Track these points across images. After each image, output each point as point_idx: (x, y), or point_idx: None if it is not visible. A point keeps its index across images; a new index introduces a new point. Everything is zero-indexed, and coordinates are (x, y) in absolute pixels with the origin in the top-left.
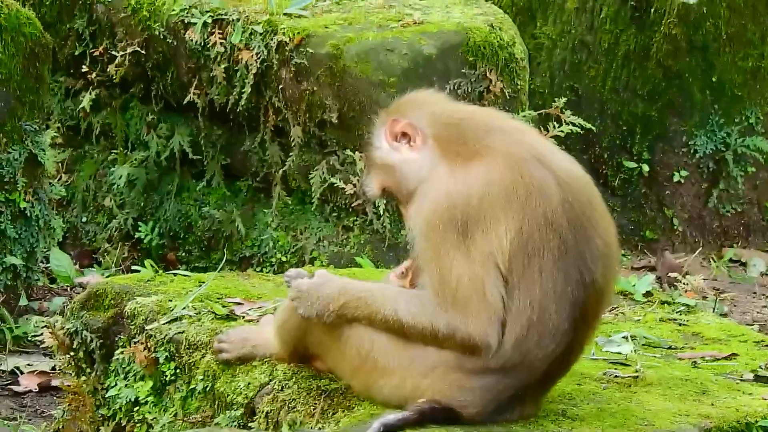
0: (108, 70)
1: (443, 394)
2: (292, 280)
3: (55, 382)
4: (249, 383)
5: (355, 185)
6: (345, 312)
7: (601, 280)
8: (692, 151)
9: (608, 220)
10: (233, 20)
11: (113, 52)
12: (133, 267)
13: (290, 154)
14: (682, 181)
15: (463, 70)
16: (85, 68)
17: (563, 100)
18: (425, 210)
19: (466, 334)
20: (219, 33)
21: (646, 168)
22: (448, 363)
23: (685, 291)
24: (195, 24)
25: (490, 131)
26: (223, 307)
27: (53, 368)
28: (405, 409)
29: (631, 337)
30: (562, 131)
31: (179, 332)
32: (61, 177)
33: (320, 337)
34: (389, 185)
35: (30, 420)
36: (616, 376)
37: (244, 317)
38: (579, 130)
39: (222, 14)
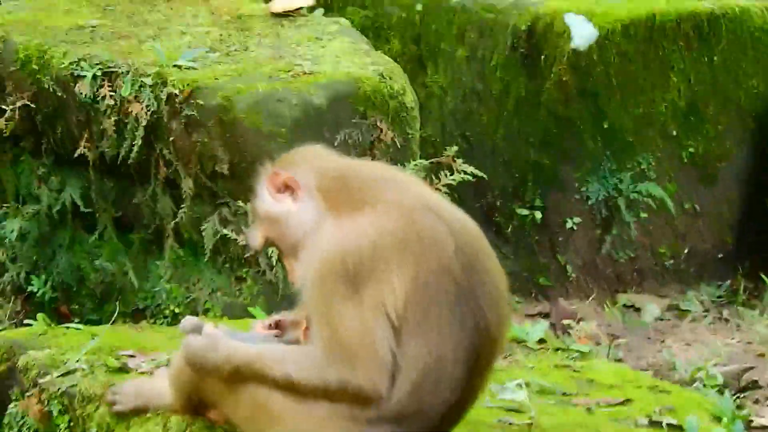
0: None
1: None
2: (186, 334)
3: None
4: None
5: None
6: (235, 379)
7: (494, 328)
8: (585, 197)
9: (498, 268)
10: (123, 72)
11: (2, 106)
12: (26, 321)
13: (182, 205)
14: (575, 227)
15: (353, 120)
16: None
17: (455, 148)
18: (314, 262)
19: (356, 386)
20: (109, 85)
21: (538, 215)
22: (342, 413)
23: (579, 337)
24: (85, 77)
25: (378, 181)
26: (116, 359)
27: None
28: None
29: (525, 383)
30: (454, 179)
31: (72, 385)
32: None
33: (214, 385)
34: (272, 236)
35: None
36: (510, 424)
37: (137, 369)
38: (471, 178)
39: (111, 67)
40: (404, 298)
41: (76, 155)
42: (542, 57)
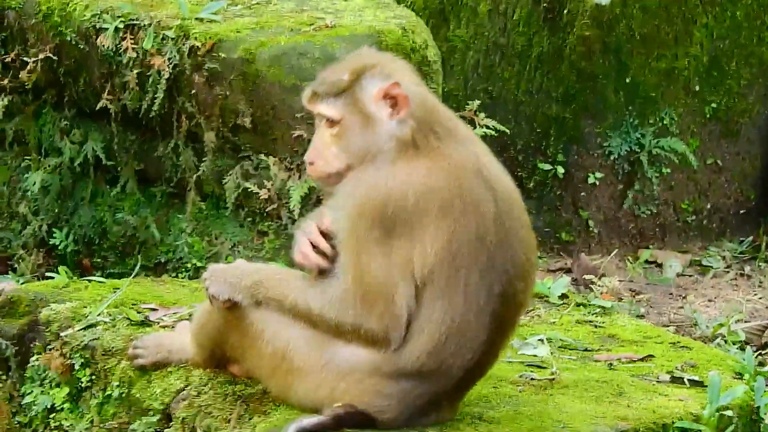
0: (20, 76)
1: (359, 398)
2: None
3: None
4: (165, 389)
5: (269, 190)
6: (256, 290)
7: (520, 295)
8: (607, 152)
9: (530, 233)
10: (145, 25)
11: (25, 59)
12: (48, 274)
13: (204, 159)
14: (597, 182)
15: None
16: None
17: (477, 102)
18: (358, 195)
19: (369, 330)
20: (131, 38)
21: (560, 170)
22: (363, 368)
23: (601, 293)
24: (107, 30)
25: (447, 134)
26: (138, 313)
27: None
28: (320, 413)
29: (547, 339)
30: (476, 134)
31: (94, 339)
32: None
33: (238, 338)
34: (347, 126)
35: None
36: (532, 379)
37: (159, 323)
38: (493, 132)
39: (134, 19)
40: (433, 261)
41: (98, 108)
42: (565, 11)
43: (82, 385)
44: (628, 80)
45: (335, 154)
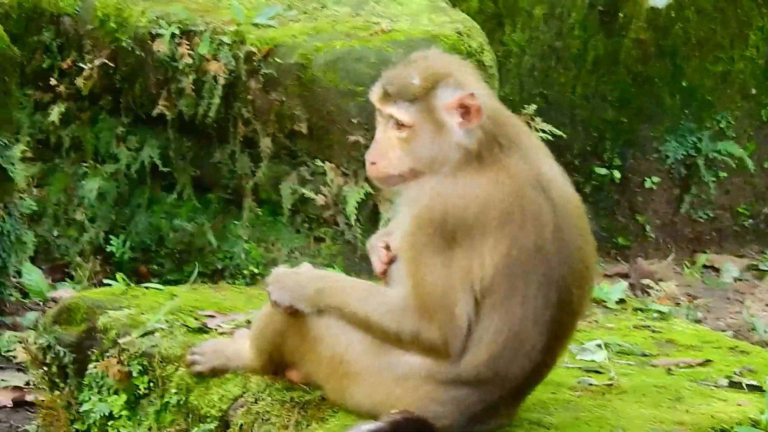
0: (76, 82)
1: (415, 404)
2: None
3: (29, 397)
4: (223, 396)
5: (325, 195)
6: (318, 298)
7: (578, 303)
8: (663, 156)
9: (589, 241)
10: (201, 31)
11: (81, 65)
12: (105, 281)
13: (260, 165)
14: (654, 187)
15: None
16: (53, 81)
17: (533, 106)
18: (419, 206)
19: (429, 340)
20: (187, 44)
21: (617, 174)
22: (420, 373)
23: (659, 298)
24: (163, 35)
25: (511, 145)
26: (196, 320)
27: (27, 383)
28: (378, 419)
29: (604, 344)
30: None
31: (152, 346)
32: (32, 191)
33: (297, 342)
34: (416, 131)
35: None
36: (590, 384)
37: (216, 330)
38: (549, 137)
39: (189, 25)
40: (492, 272)
41: (154, 114)
42: (620, 15)
43: (140, 392)
44: (684, 84)
45: (399, 157)
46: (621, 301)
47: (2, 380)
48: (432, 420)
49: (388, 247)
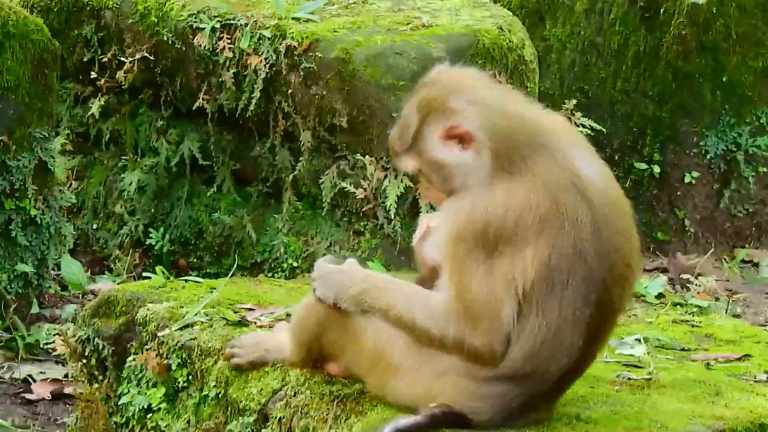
0: (117, 76)
1: (454, 399)
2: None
3: (67, 390)
4: (261, 389)
5: (365, 189)
6: (363, 299)
7: (618, 301)
8: (703, 151)
9: (631, 237)
10: (241, 25)
11: (122, 58)
12: (145, 274)
13: (300, 159)
14: (694, 182)
15: None
16: (93, 75)
17: (573, 101)
18: (459, 218)
19: (472, 346)
20: (227, 38)
21: (657, 169)
22: (459, 369)
23: (698, 292)
24: (203, 29)
25: (536, 149)
26: (235, 313)
27: (66, 376)
28: (416, 413)
29: (644, 339)
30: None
31: (191, 339)
32: (71, 184)
33: (339, 334)
34: (427, 174)
35: (43, 428)
36: (629, 379)
37: (255, 323)
38: (589, 131)
39: (230, 19)
40: (533, 277)
41: (194, 108)
42: (661, 10)
43: (179, 385)
44: (724, 79)
45: (437, 196)
46: (660, 295)
47: (41, 372)
48: (470, 415)
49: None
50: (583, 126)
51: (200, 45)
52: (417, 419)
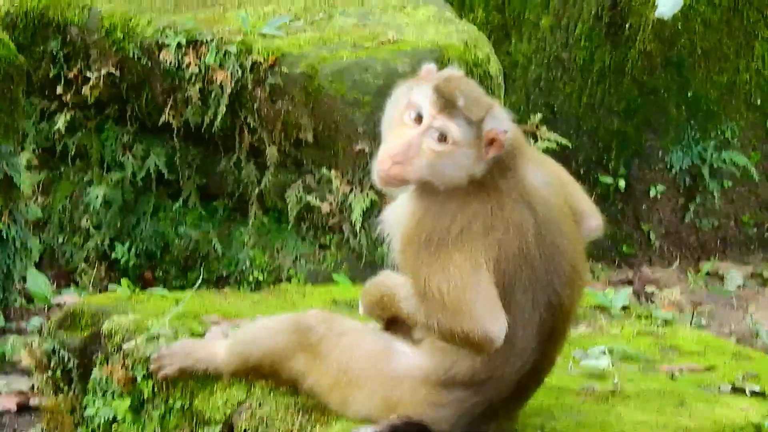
0: (83, 91)
1: (413, 409)
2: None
3: (33, 402)
4: (227, 400)
5: (331, 203)
6: (382, 305)
7: (567, 302)
8: (668, 166)
9: (577, 243)
10: (207, 41)
11: (88, 74)
12: (110, 287)
13: (266, 173)
14: (659, 196)
15: None
16: (59, 90)
17: (539, 116)
18: (408, 223)
19: (463, 335)
20: (193, 54)
21: (622, 183)
22: (415, 376)
23: (663, 305)
24: (169, 45)
25: (506, 170)
26: (201, 325)
27: (31, 388)
28: (376, 424)
29: (608, 350)
30: (538, 148)
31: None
32: (37, 198)
33: (306, 359)
34: (445, 151)
35: None
36: (594, 390)
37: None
38: (555, 146)
39: (196, 35)
40: (486, 274)
41: (160, 123)
42: (627, 26)
43: (144, 396)
44: (689, 94)
45: (422, 166)
46: (625, 307)
47: (6, 384)
48: (431, 424)
49: None
50: (549, 140)
51: (166, 60)
52: (376, 429)
